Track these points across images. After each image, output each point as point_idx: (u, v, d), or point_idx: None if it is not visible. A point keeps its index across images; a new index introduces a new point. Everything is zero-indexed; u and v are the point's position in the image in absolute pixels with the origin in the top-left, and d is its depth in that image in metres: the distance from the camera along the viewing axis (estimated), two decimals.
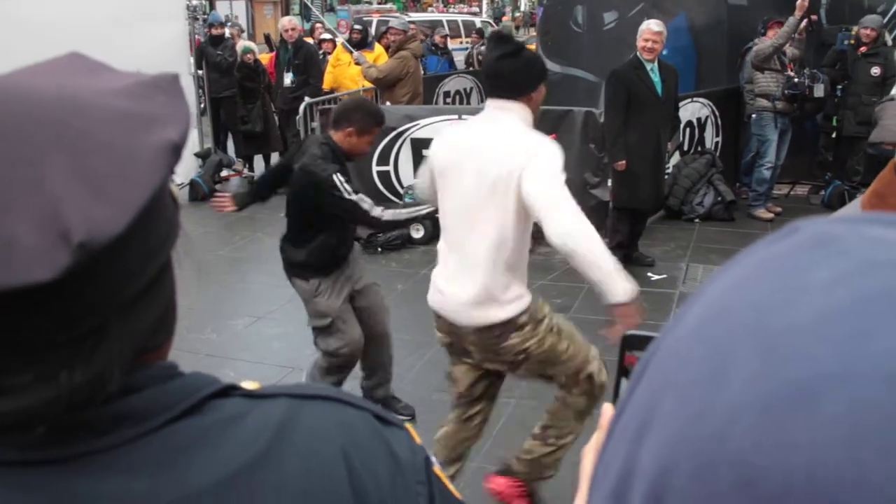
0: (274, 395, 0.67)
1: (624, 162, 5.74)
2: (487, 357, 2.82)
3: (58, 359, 0.55)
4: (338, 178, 3.35)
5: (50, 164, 0.53)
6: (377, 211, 3.45)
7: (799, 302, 0.30)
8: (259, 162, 9.47)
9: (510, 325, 2.71)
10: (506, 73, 2.60)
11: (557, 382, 2.90)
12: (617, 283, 2.45)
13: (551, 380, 2.89)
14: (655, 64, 5.71)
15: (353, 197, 3.38)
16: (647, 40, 5.63)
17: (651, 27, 5.68)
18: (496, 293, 2.66)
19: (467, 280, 2.68)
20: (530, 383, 4.15)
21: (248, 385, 0.67)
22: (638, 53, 5.70)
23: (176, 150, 0.59)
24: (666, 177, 6.76)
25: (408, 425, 0.73)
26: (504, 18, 26.24)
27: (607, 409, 0.58)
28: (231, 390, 0.65)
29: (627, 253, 5.98)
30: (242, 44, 9.61)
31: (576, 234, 2.44)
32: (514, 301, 2.71)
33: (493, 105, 2.65)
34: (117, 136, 0.57)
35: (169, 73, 0.66)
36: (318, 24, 11.28)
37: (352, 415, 0.69)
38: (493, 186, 2.54)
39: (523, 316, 2.73)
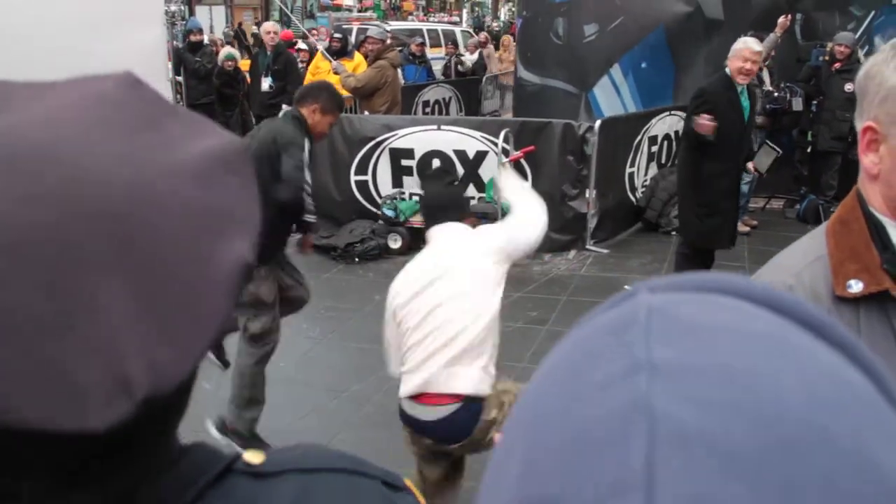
0: (281, 471, 0.61)
1: (709, 117, 4.78)
2: (476, 439, 2.75)
3: (95, 474, 0.49)
4: (306, 148, 3.58)
5: (108, 282, 0.43)
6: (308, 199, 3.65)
7: (565, 412, 0.30)
8: None
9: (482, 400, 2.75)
10: (447, 202, 3.00)
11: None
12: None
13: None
14: (745, 87, 5.04)
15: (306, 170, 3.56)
16: (746, 60, 4.86)
17: (752, 46, 4.92)
18: (490, 368, 2.72)
19: (467, 368, 2.70)
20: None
21: (251, 457, 0.61)
22: (728, 73, 4.94)
23: (248, 272, 0.48)
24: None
25: (408, 482, 0.70)
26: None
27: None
28: (235, 463, 0.59)
29: None
30: (225, 50, 9.57)
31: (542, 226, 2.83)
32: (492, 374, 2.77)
33: (439, 229, 2.88)
34: (189, 248, 0.46)
35: (238, 141, 0.54)
36: (314, 31, 11.26)
37: (363, 486, 0.65)
38: (473, 277, 2.71)
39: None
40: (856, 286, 1.12)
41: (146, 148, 0.47)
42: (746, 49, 4.90)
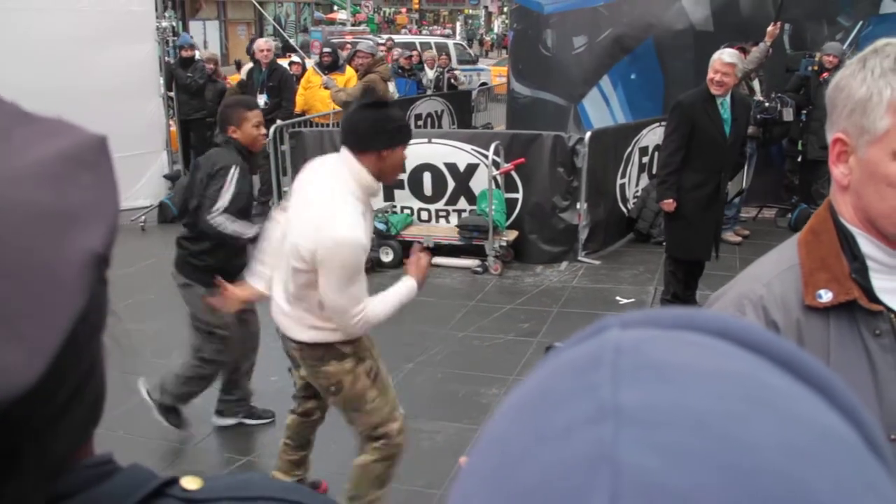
0: (216, 498, 0.59)
1: (672, 201, 5.07)
2: (308, 374, 2.94)
3: None
4: (232, 172, 3.57)
5: None
6: (227, 224, 3.59)
7: (528, 457, 0.29)
8: None
9: (332, 351, 2.79)
10: (359, 124, 2.61)
11: (357, 430, 2.97)
12: (406, 294, 2.76)
13: (353, 424, 2.98)
14: (727, 98, 5.04)
15: (227, 196, 3.54)
16: (716, 72, 4.94)
17: (723, 58, 4.96)
18: (306, 317, 2.75)
19: (287, 301, 2.81)
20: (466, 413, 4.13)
21: (188, 483, 0.58)
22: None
23: (100, 263, 0.49)
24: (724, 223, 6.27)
25: None
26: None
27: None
28: (168, 487, 0.57)
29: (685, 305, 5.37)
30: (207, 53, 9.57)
31: (363, 326, 2.68)
32: (324, 329, 2.76)
33: (342, 154, 2.66)
34: (32, 250, 0.46)
35: (96, 137, 0.55)
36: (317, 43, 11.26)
37: None
38: (299, 238, 2.61)
39: (347, 347, 2.80)
40: (825, 296, 1.13)
41: None
42: (717, 60, 4.97)
